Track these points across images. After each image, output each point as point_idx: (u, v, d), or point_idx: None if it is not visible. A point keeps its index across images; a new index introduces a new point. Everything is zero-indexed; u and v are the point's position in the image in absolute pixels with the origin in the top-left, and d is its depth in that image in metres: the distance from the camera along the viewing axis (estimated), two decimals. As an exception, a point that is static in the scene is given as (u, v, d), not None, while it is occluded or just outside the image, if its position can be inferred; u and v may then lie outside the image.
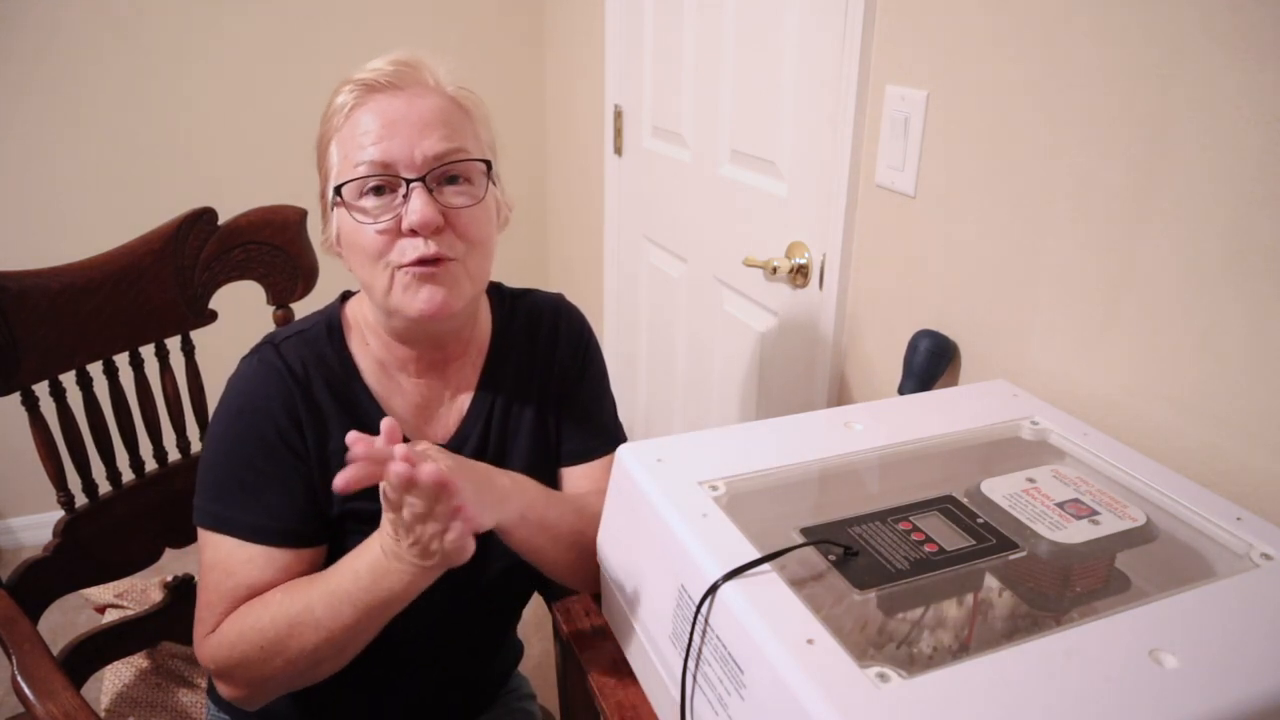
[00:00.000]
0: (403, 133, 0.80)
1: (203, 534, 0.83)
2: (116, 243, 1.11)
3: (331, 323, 0.90)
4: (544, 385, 0.97)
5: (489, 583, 0.94)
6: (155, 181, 2.15)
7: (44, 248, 1.89)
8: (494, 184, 0.86)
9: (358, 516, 0.85)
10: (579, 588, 0.88)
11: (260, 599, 0.79)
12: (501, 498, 0.77)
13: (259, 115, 2.20)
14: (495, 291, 0.99)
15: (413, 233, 0.79)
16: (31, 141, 2.04)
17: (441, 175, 0.81)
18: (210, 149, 2.19)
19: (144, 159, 2.14)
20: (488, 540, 0.92)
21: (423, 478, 0.64)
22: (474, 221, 0.83)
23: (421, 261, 0.80)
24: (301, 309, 1.22)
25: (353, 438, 0.65)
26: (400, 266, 0.80)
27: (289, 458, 0.84)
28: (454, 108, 0.84)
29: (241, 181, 2.21)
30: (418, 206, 0.79)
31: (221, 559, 0.81)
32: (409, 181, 0.79)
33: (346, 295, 0.94)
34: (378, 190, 0.80)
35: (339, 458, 0.84)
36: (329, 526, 0.85)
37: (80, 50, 2.01)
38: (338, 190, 0.81)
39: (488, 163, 0.85)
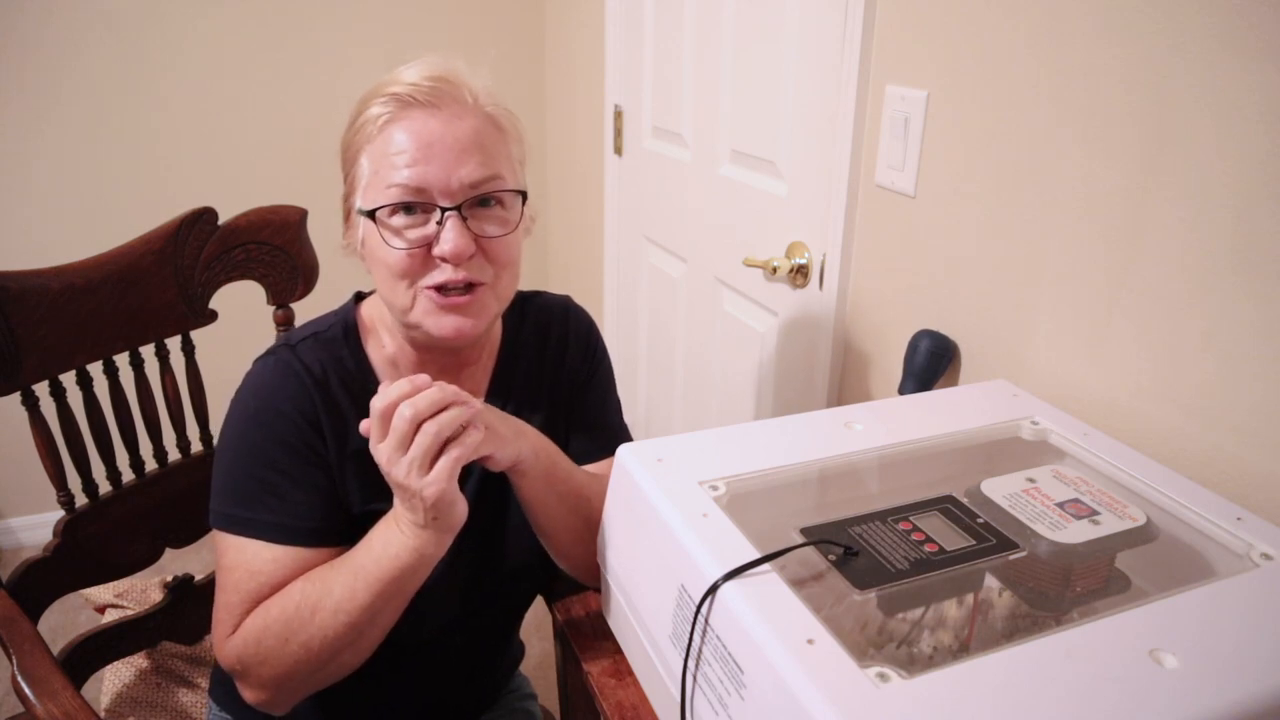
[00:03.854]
0: (439, 157, 0.78)
1: (222, 537, 0.83)
2: (116, 243, 1.11)
3: (347, 324, 0.90)
4: (553, 387, 0.98)
5: (500, 581, 0.94)
6: (155, 181, 2.15)
7: (44, 248, 1.90)
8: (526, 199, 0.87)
9: (380, 516, 0.85)
10: (580, 567, 0.88)
11: (282, 591, 0.79)
12: (519, 430, 0.81)
13: (259, 115, 2.20)
14: None
15: (442, 259, 0.80)
16: (31, 141, 2.04)
17: (475, 202, 0.81)
18: (210, 149, 2.19)
19: (144, 159, 2.14)
20: (501, 540, 0.93)
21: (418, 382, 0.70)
22: (505, 246, 0.83)
23: (449, 288, 0.80)
24: (301, 309, 1.22)
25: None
26: (426, 288, 0.81)
27: (310, 457, 0.84)
28: (490, 128, 0.82)
29: (241, 181, 2.21)
30: (451, 237, 0.78)
31: (245, 560, 0.81)
32: (444, 210, 0.79)
33: (360, 296, 0.94)
34: (409, 210, 0.79)
35: (359, 458, 0.85)
36: (351, 526, 0.85)
37: (78, 49, 2.01)
38: (371, 213, 0.80)
39: (523, 194, 0.85)
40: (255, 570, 0.80)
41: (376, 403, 0.71)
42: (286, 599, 0.78)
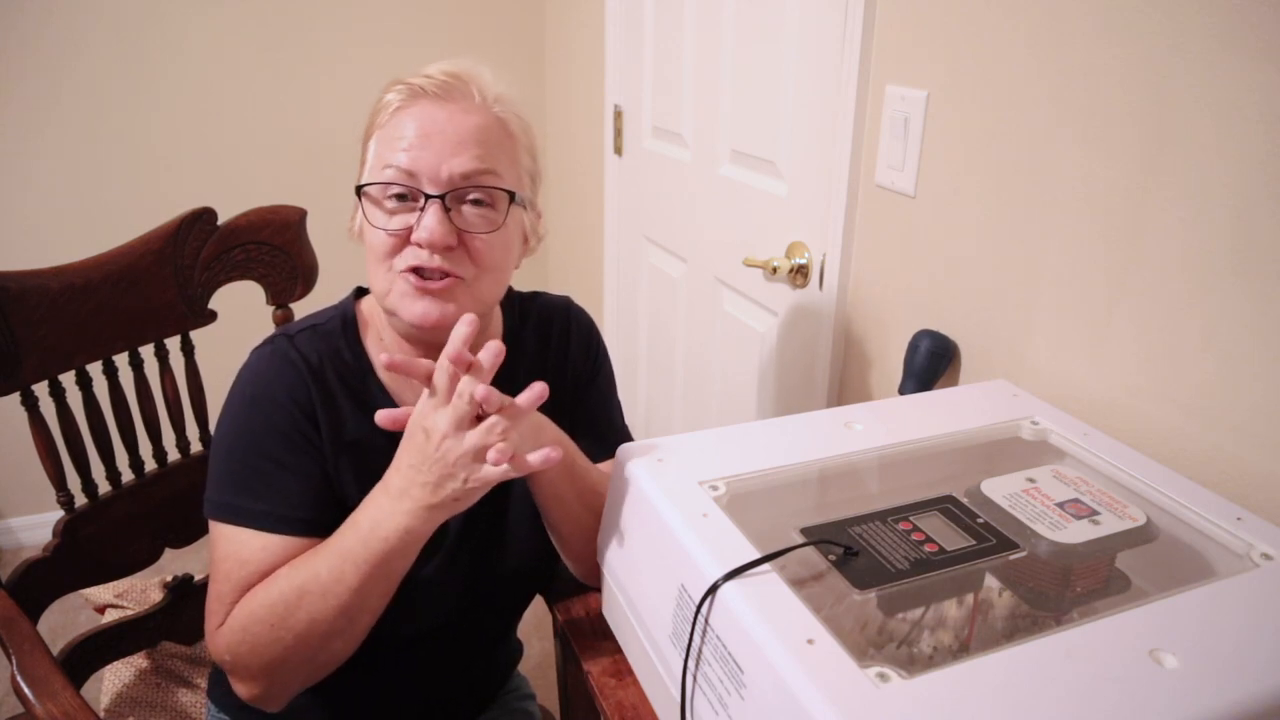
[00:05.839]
0: (435, 146, 0.80)
1: (215, 526, 0.83)
2: (116, 243, 1.11)
3: (346, 317, 0.90)
4: (556, 388, 0.98)
5: (498, 581, 0.94)
6: (155, 182, 2.15)
7: (44, 248, 1.90)
8: (526, 209, 0.88)
9: None
10: (587, 563, 0.87)
11: (269, 578, 0.79)
12: (539, 426, 0.80)
13: (258, 115, 2.20)
14: (505, 295, 0.99)
15: (418, 244, 0.80)
16: (31, 141, 2.04)
17: (463, 195, 0.81)
18: (210, 149, 2.19)
19: (144, 159, 2.14)
20: (500, 540, 0.93)
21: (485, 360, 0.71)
22: (488, 247, 0.83)
23: (425, 272, 0.80)
24: (301, 309, 1.22)
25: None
26: (402, 270, 0.81)
27: (304, 446, 0.84)
28: (497, 128, 0.84)
29: (241, 181, 2.21)
30: (428, 223, 0.79)
31: (235, 550, 0.81)
32: (427, 197, 0.80)
33: (361, 291, 0.94)
34: (400, 196, 0.81)
35: (353, 449, 0.85)
36: (344, 517, 0.85)
37: (78, 49, 2.01)
38: (360, 188, 0.83)
39: (511, 194, 0.85)
40: (245, 559, 0.80)
41: (443, 358, 0.71)
42: (272, 585, 0.77)
